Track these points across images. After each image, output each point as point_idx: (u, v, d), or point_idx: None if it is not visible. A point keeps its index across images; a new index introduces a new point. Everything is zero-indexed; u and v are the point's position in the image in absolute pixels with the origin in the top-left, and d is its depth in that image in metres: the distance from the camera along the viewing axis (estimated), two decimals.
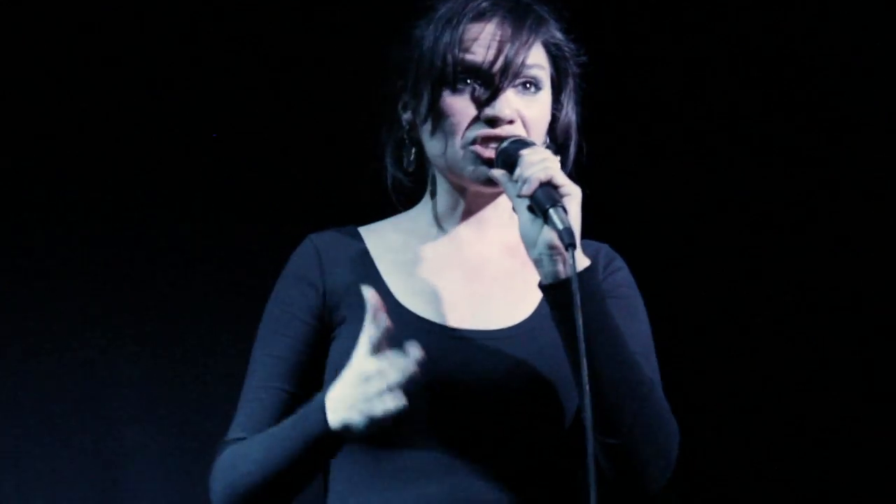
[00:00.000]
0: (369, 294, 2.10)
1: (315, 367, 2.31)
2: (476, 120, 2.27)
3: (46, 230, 3.79)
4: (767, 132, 4.01)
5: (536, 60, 2.30)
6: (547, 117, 2.34)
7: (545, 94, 2.33)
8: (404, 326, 2.23)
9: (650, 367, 2.28)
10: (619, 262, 2.39)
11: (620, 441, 2.16)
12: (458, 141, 2.27)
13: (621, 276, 2.37)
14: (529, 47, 2.28)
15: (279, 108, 3.87)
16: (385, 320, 2.09)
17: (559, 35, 2.35)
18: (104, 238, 3.83)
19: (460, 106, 2.27)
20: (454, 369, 2.22)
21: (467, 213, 2.37)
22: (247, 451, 2.22)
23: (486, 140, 2.26)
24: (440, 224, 2.38)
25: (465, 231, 2.37)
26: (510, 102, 2.27)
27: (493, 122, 2.26)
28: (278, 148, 3.87)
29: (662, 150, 4.04)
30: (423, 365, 2.14)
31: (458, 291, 2.32)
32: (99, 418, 3.78)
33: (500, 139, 2.25)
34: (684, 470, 3.91)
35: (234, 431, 2.30)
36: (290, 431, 2.17)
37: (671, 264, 4.00)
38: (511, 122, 2.27)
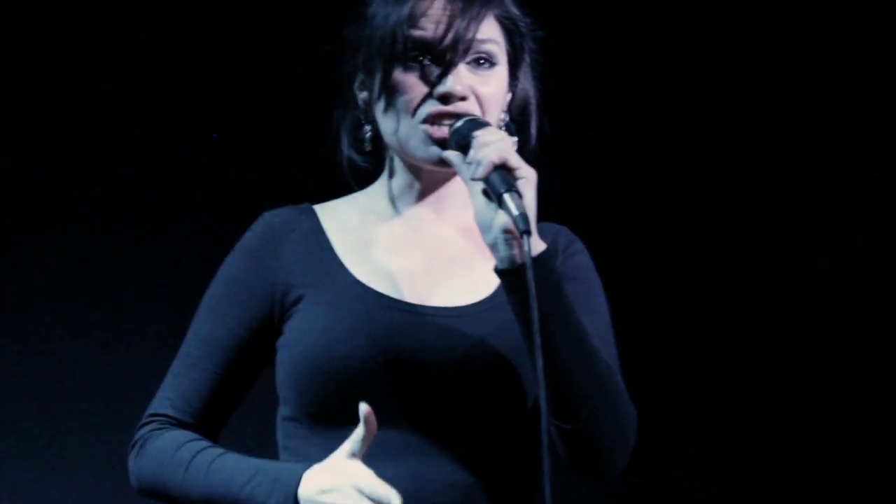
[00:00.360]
0: (363, 408, 2.06)
1: (252, 350, 2.27)
2: (428, 97, 2.23)
3: (53, 232, 3.84)
4: (767, 132, 4.00)
5: (489, 35, 2.26)
6: (502, 94, 2.29)
7: (500, 70, 2.28)
8: (361, 301, 2.22)
9: (608, 350, 2.24)
10: (579, 245, 2.35)
11: (576, 426, 2.12)
12: (410, 120, 2.24)
13: (580, 259, 2.33)
14: (480, 21, 2.24)
15: (280, 108, 3.88)
16: (374, 430, 2.08)
17: (513, 9, 2.31)
18: (119, 241, 3.87)
19: (411, 83, 2.24)
20: (413, 346, 2.19)
21: (424, 194, 2.33)
22: (193, 465, 2.19)
23: (437, 117, 2.23)
24: (396, 204, 2.34)
25: (423, 211, 2.34)
26: (462, 78, 2.23)
27: (445, 98, 2.22)
28: (283, 148, 3.88)
29: (661, 150, 4.02)
30: (383, 341, 2.14)
31: (416, 269, 2.29)
32: (106, 420, 3.81)
33: (452, 116, 2.22)
34: (687, 468, 3.96)
35: (161, 405, 2.27)
36: (247, 494, 2.14)
37: (669, 264, 3.99)
38: (464, 98, 2.23)
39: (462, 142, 2.17)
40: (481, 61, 2.26)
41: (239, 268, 2.31)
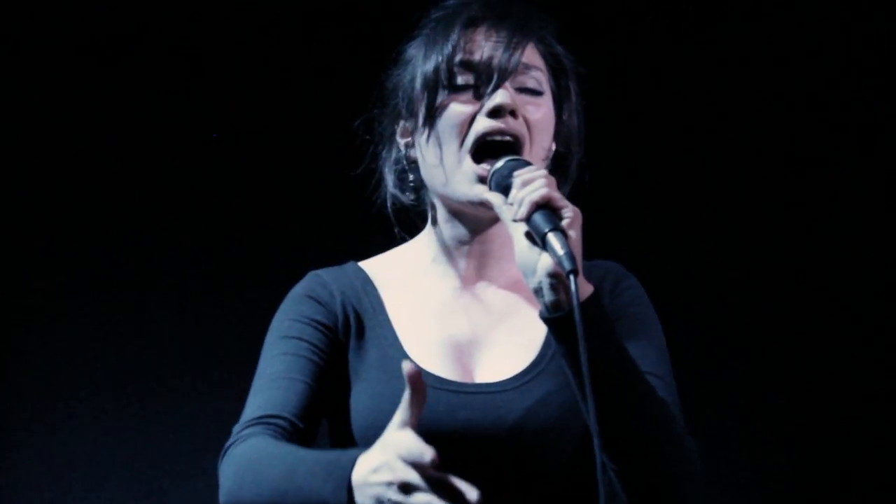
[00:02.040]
0: (405, 367, 1.92)
1: (331, 372, 2.21)
2: (477, 115, 2.19)
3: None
4: (765, 132, 3.95)
5: (535, 63, 2.24)
6: (551, 123, 2.26)
7: (547, 100, 2.25)
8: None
9: (665, 387, 2.18)
10: (629, 281, 2.29)
11: (633, 468, 2.07)
12: (458, 149, 2.19)
13: (630, 296, 2.27)
14: (525, 47, 2.22)
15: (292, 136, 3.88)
16: (422, 389, 1.93)
17: (556, 46, 2.29)
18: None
19: (460, 103, 2.20)
20: (460, 427, 2.15)
21: (469, 248, 2.28)
22: (266, 466, 2.08)
23: (489, 135, 2.18)
24: (441, 261, 2.29)
25: (468, 268, 2.29)
26: (513, 95, 2.19)
27: (496, 112, 2.18)
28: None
29: (656, 157, 3.97)
30: (429, 425, 2.07)
31: (462, 340, 2.23)
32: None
33: (502, 133, 2.17)
34: None
35: (251, 413, 2.17)
36: (307, 483, 2.03)
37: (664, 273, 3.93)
38: (514, 113, 2.19)
39: (503, 183, 2.11)
40: (529, 89, 2.23)
41: (299, 309, 2.25)
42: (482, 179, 2.18)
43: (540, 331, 2.19)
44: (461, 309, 2.26)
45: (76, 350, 3.80)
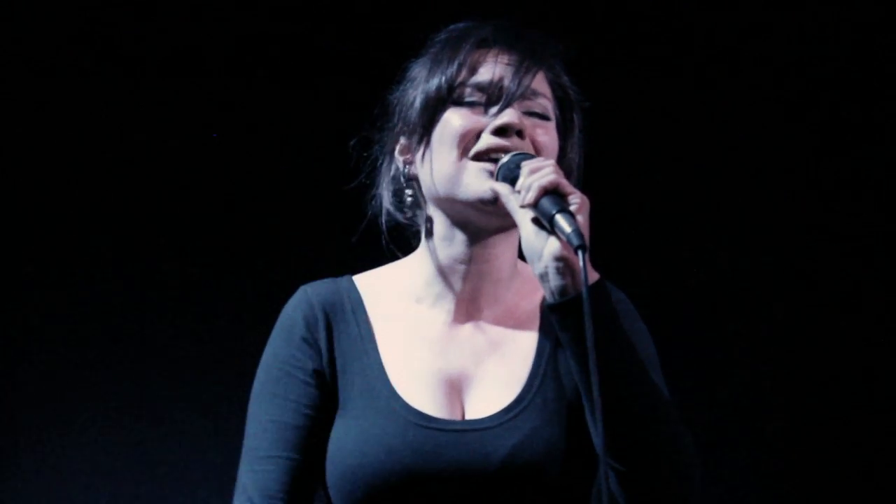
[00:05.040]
0: None
1: (321, 427, 2.19)
2: (481, 133, 2.17)
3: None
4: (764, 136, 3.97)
5: (543, 90, 2.22)
6: (556, 149, 2.23)
7: (553, 126, 2.23)
8: (396, 416, 2.14)
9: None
10: (618, 295, 2.26)
11: (636, 465, 2.03)
12: (459, 159, 2.18)
13: (621, 310, 2.20)
14: (536, 72, 2.20)
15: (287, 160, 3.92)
16: None
17: (564, 77, 2.28)
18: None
19: (465, 119, 2.18)
20: (446, 466, 2.12)
21: (466, 265, 2.24)
22: None
23: (492, 152, 2.16)
24: (436, 282, 2.25)
25: (464, 290, 2.24)
26: (520, 116, 2.18)
27: (503, 131, 2.16)
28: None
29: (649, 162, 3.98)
30: (414, 465, 2.09)
31: (450, 374, 2.20)
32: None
33: (506, 151, 2.15)
34: None
35: (240, 498, 2.18)
36: None
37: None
38: (520, 134, 2.17)
39: (510, 175, 2.11)
40: (536, 114, 2.21)
41: (288, 351, 2.22)
42: (490, 174, 2.16)
43: (527, 362, 2.20)
44: (453, 340, 2.24)
45: (76, 352, 3.83)
